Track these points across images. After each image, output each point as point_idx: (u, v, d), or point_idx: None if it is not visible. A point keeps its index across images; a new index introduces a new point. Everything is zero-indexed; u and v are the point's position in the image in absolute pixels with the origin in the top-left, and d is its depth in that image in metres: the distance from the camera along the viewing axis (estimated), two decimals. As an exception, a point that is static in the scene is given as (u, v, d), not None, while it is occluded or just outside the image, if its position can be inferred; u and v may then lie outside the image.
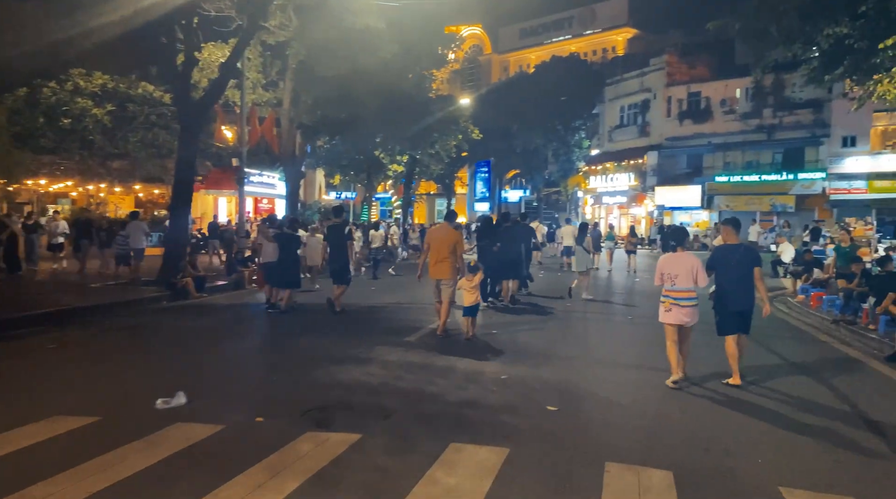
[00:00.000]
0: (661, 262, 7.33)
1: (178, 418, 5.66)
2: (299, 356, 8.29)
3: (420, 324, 10.53)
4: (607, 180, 42.00)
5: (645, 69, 39.55)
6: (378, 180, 34.77)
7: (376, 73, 21.72)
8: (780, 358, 8.88)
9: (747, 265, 7.10)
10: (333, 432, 5.38)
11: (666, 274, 7.12)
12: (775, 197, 34.40)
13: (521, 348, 8.87)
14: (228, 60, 15.67)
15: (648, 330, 10.40)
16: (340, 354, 8.26)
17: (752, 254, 7.33)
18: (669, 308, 7.07)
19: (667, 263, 7.22)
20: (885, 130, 31.79)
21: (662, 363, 7.84)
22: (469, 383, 6.96)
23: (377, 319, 11.46)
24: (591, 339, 10.10)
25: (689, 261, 7.11)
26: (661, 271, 7.19)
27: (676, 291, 7.03)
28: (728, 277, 7.13)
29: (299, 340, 9.45)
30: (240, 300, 14.07)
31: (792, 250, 19.14)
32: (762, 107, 34.94)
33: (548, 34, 57.63)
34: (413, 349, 8.64)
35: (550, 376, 7.33)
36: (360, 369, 7.43)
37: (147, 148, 23.50)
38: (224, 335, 10.04)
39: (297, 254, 12.38)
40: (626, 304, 14.11)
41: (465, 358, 8.13)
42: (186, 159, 15.85)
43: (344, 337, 9.57)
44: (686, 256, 7.21)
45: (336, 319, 11.48)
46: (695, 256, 7.33)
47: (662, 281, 7.19)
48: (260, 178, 29.83)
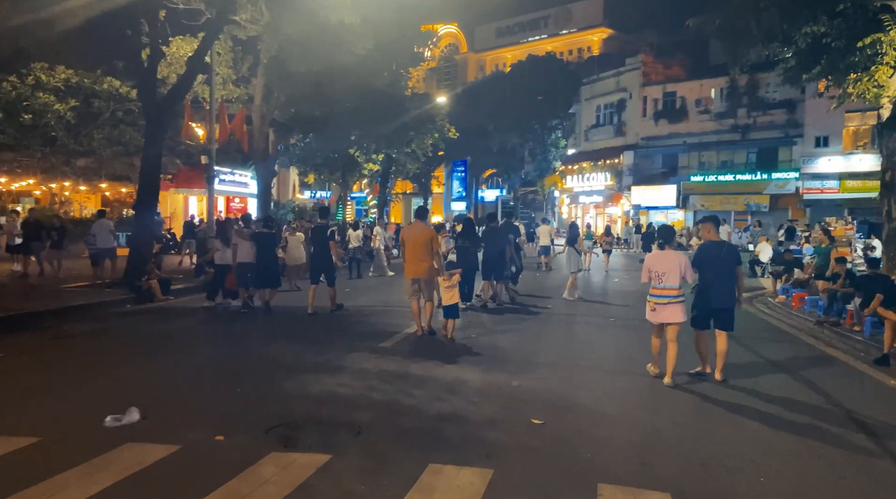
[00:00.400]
0: (648, 259, 7.27)
1: (129, 437, 5.13)
2: (266, 365, 7.78)
3: (396, 328, 10.06)
4: (584, 180, 41.90)
5: (621, 69, 39.49)
6: (353, 179, 34.20)
7: (351, 70, 21.23)
8: (767, 361, 8.58)
9: (731, 263, 7.15)
10: (300, 451, 4.90)
11: (654, 272, 7.05)
12: (750, 197, 34.54)
13: (502, 354, 8.45)
14: (196, 54, 15.02)
15: (631, 332, 10.08)
16: (311, 362, 7.76)
17: (735, 252, 7.38)
18: (654, 308, 7.04)
19: (654, 260, 7.15)
20: (857, 130, 32.04)
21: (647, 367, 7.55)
22: (448, 393, 6.51)
23: (351, 323, 10.95)
24: (573, 342, 9.71)
25: (676, 258, 7.06)
26: (649, 269, 7.12)
27: (664, 288, 6.97)
28: (713, 274, 7.09)
29: (268, 347, 8.93)
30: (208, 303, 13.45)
31: (770, 250, 19.05)
32: (736, 107, 35.07)
33: (524, 33, 57.42)
34: (388, 356, 8.17)
35: (534, 385, 6.92)
36: (332, 379, 6.94)
37: (113, 145, 22.63)
38: (188, 341, 9.47)
39: (275, 253, 12.15)
40: (606, 304, 13.78)
41: (444, 365, 7.69)
42: (153, 156, 15.18)
43: (315, 343, 9.07)
44: (673, 254, 7.16)
45: (307, 323, 10.99)
46: (682, 254, 7.28)
47: (650, 279, 7.12)
48: (232, 176, 29.07)
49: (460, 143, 42.82)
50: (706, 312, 7.16)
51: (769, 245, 19.23)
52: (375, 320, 11.11)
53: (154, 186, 15.36)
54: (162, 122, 15.12)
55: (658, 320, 7.05)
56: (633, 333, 9.99)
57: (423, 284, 9.37)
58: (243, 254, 11.68)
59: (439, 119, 31.86)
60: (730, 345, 7.33)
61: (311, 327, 10.64)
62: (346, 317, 11.54)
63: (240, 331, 10.42)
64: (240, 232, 12.19)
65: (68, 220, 22.11)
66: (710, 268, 7.10)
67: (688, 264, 7.02)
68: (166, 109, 15.08)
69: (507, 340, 9.53)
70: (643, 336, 7.69)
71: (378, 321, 10.98)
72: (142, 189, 15.30)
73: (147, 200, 15.24)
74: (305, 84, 22.09)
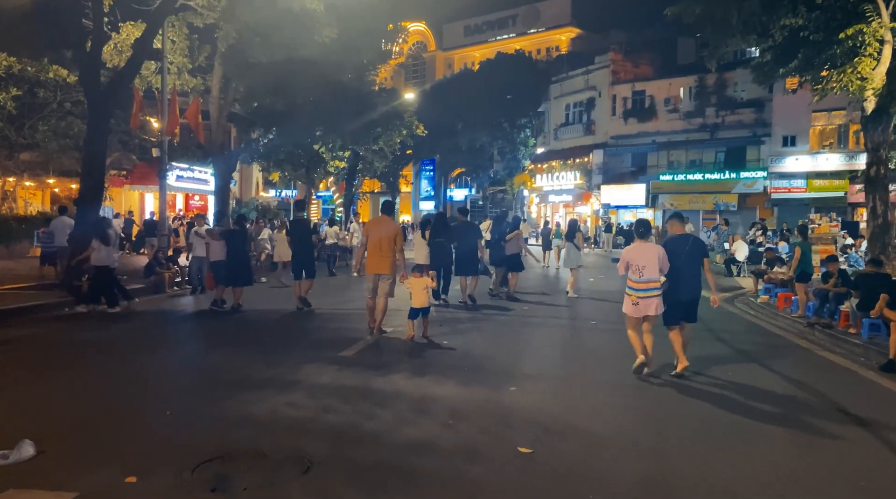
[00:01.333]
0: (626, 252, 7.20)
1: (13, 480, 4.02)
2: (208, 379, 6.68)
3: (360, 333, 9.00)
4: (553, 179, 41.20)
5: (590, 67, 38.89)
6: (318, 176, 32.92)
7: (315, 62, 20.19)
8: (766, 369, 7.76)
9: (697, 256, 7.18)
10: (232, 497, 3.85)
11: (633, 265, 6.96)
12: (719, 196, 34.19)
13: (478, 363, 7.47)
14: (143, 36, 13.72)
15: (614, 336, 9.16)
16: (260, 376, 6.68)
17: (701, 245, 7.41)
18: (637, 302, 6.92)
19: (633, 253, 7.06)
20: (824, 129, 31.92)
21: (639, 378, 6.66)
22: (418, 414, 5.50)
23: (312, 327, 9.87)
24: (555, 348, 8.78)
25: (654, 250, 7.02)
26: (627, 261, 7.03)
27: (644, 282, 6.88)
28: (680, 267, 7.07)
29: (213, 356, 7.83)
30: (156, 306, 12.23)
31: (746, 249, 18.46)
32: (705, 106, 34.70)
33: (492, 32, 56.64)
34: (350, 367, 7.12)
35: (517, 401, 5.95)
36: (281, 397, 5.87)
37: (59, 138, 21.04)
38: (121, 350, 8.26)
39: (245, 251, 12.07)
40: (584, 305, 12.90)
41: (413, 378, 6.68)
42: (96, 149, 13.83)
43: (268, 351, 7.97)
44: (651, 246, 7.12)
45: (265, 327, 9.91)
46: (660, 246, 7.21)
47: (627, 271, 7.04)
48: (191, 173, 27.63)
49: (429, 141, 41.84)
50: (677, 305, 7.12)
51: (745, 244, 18.63)
52: (339, 325, 10.03)
53: (98, 181, 14.03)
54: (106, 111, 13.79)
55: (641, 314, 6.94)
56: (616, 337, 9.10)
57: (381, 279, 8.80)
58: (215, 252, 11.64)
59: (407, 115, 30.76)
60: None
61: (268, 332, 9.55)
62: (307, 320, 10.46)
63: (185, 337, 9.28)
64: (211, 231, 12.25)
65: (11, 217, 20.50)
66: (676, 262, 7.05)
67: (665, 256, 6.96)
68: (111, 96, 13.75)
69: (482, 345, 8.58)
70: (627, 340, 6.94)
71: (342, 325, 9.91)
72: (84, 183, 13.94)
73: (90, 194, 13.87)
74: (267, 76, 20.92)
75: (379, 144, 32.58)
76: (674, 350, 7.09)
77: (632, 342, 7.11)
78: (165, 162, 16.19)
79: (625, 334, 7.24)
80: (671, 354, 7.12)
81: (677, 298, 7.09)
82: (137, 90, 17.28)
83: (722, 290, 15.97)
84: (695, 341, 9.10)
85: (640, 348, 7.02)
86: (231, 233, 11.76)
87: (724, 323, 11.19)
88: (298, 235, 11.64)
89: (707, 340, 9.30)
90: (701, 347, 8.56)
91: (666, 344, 7.20)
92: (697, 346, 8.66)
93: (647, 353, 6.99)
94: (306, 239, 11.69)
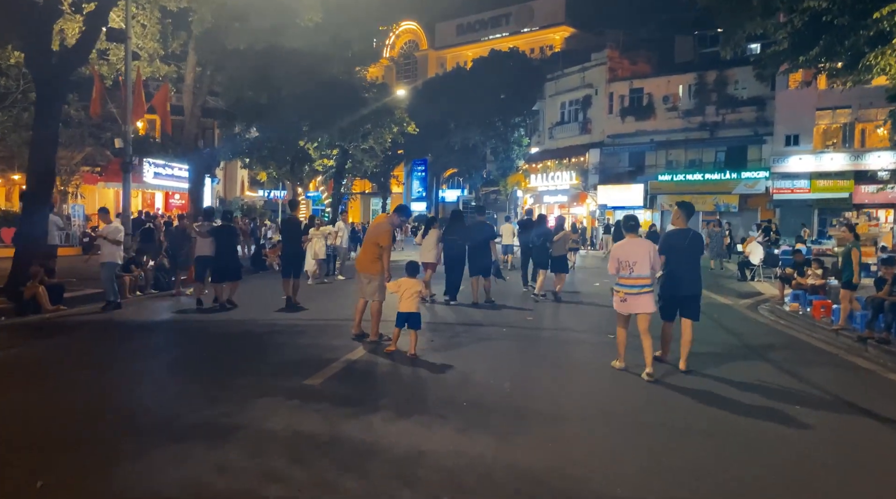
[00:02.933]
0: (615, 249, 6.92)
1: None
2: (124, 418, 4.98)
3: (334, 353, 7.29)
4: (548, 179, 39.55)
5: (586, 64, 37.28)
6: (305, 175, 31.15)
7: (300, 53, 18.60)
8: (826, 394, 6.16)
9: (696, 251, 7.01)
10: None
11: (623, 261, 6.62)
12: (719, 196, 32.70)
13: (480, 394, 5.79)
14: (97, 9, 11.97)
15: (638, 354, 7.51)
16: (192, 417, 4.98)
17: (701, 240, 7.23)
18: (625, 298, 6.62)
19: (623, 249, 6.74)
20: (828, 128, 30.46)
21: (691, 422, 5.03)
22: (400, 483, 3.81)
23: (278, 343, 8.16)
24: (573, 372, 7.09)
25: (645, 246, 6.71)
26: (617, 258, 6.69)
27: (634, 278, 6.56)
28: (678, 262, 6.88)
29: (141, 386, 6.11)
30: (115, 314, 10.51)
31: (761, 251, 16.91)
32: (705, 104, 33.19)
33: (485, 31, 54.96)
34: (315, 403, 5.41)
35: (535, 461, 4.26)
36: (212, 455, 4.17)
37: (22, 130, 19.24)
38: (37, 373, 6.51)
39: (235, 247, 11.75)
40: (596, 314, 11.24)
41: (396, 421, 4.98)
42: (45, 139, 12.06)
43: (216, 377, 6.27)
44: (641, 242, 6.81)
45: (223, 342, 8.22)
46: (650, 242, 6.92)
47: (618, 269, 6.67)
48: (170, 170, 25.85)
49: (420, 141, 40.17)
50: (673, 300, 6.96)
51: (760, 245, 17.08)
52: (312, 339, 8.32)
53: (48, 176, 12.29)
54: (57, 95, 12.05)
55: (629, 311, 6.67)
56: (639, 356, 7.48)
57: (363, 278, 8.09)
58: (202, 248, 11.27)
59: (398, 112, 29.07)
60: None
61: (226, 348, 7.86)
62: (276, 334, 8.76)
63: (119, 355, 7.56)
64: (199, 227, 11.89)
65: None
66: (674, 256, 6.87)
67: (656, 252, 6.68)
68: (62, 78, 12.01)
69: (485, 365, 6.91)
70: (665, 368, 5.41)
71: (315, 341, 8.20)
72: (31, 179, 12.19)
73: (39, 190, 12.13)
74: (248, 66, 19.30)
75: (368, 142, 30.93)
76: (661, 343, 7.03)
77: (618, 342, 6.84)
78: (130, 154, 14.42)
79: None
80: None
81: (675, 293, 6.90)
82: (97, 73, 15.52)
83: (739, 295, 14.51)
84: (740, 361, 7.54)
85: (622, 351, 6.81)
86: (220, 229, 11.34)
87: (759, 336, 9.59)
88: (288, 234, 11.67)
89: (751, 360, 7.68)
90: (748, 371, 6.96)
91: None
92: (744, 369, 7.07)
93: (646, 359, 6.57)
94: (298, 238, 11.76)
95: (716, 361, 7.40)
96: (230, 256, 11.26)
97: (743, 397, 5.91)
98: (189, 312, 10.72)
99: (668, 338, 7.13)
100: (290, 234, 11.70)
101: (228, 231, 11.44)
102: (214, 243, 11.11)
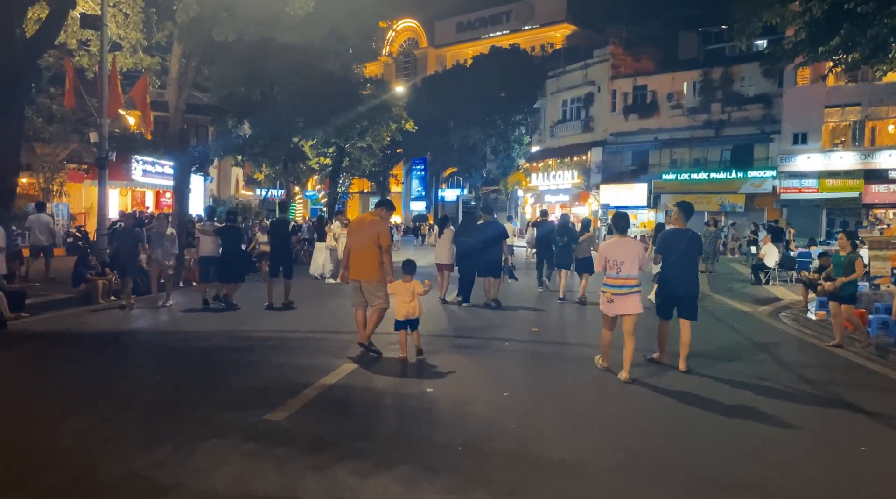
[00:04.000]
0: (604, 248, 6.68)
1: None
2: (13, 472, 3.91)
3: (309, 376, 6.18)
4: (549, 178, 38.46)
5: (589, 61, 36.19)
6: (303, 173, 30.05)
7: (294, 47, 17.60)
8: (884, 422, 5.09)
9: (693, 251, 6.91)
10: None
11: (610, 261, 6.45)
12: (725, 196, 31.67)
13: (480, 432, 4.70)
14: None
15: (668, 376, 6.44)
16: (115, 468, 3.88)
17: (698, 241, 7.09)
18: (612, 299, 6.42)
19: (611, 249, 6.54)
20: (837, 126, 29.37)
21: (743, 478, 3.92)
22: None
23: (247, 362, 7.07)
24: (586, 404, 6.02)
25: (634, 246, 6.59)
26: (605, 257, 6.51)
27: (622, 278, 6.39)
28: (676, 262, 6.79)
29: (69, 416, 5.00)
30: (66, 323, 9.44)
31: (776, 253, 15.85)
32: (710, 101, 32.16)
33: (485, 29, 53.86)
34: (273, 448, 4.29)
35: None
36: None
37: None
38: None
39: (239, 248, 11.54)
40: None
41: (372, 476, 3.87)
42: (10, 127, 11.06)
43: (162, 408, 5.19)
44: (630, 242, 6.67)
45: (183, 362, 7.16)
46: (639, 242, 6.94)
47: (605, 268, 6.50)
48: (160, 168, 24.74)
49: (419, 139, 39.14)
50: (670, 300, 6.89)
51: (775, 247, 16.01)
52: (284, 358, 7.20)
53: (12, 170, 11.27)
54: (20, 82, 11.01)
55: (616, 312, 6.46)
56: (666, 374, 6.42)
57: (365, 287, 7.22)
58: (206, 248, 11.15)
59: (396, 109, 27.98)
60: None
61: (185, 369, 6.78)
62: (245, 350, 7.68)
63: (61, 372, 6.48)
64: (203, 227, 11.79)
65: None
66: (671, 256, 6.80)
67: (644, 252, 6.57)
68: (28, 64, 10.99)
69: (488, 388, 5.84)
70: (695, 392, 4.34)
71: (288, 360, 7.10)
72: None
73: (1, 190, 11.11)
74: (239, 59, 18.31)
75: (366, 140, 29.87)
76: (658, 343, 6.98)
77: (602, 343, 6.70)
78: (106, 149, 13.34)
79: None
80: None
81: (671, 293, 6.84)
82: (69, 62, 14.45)
83: (757, 301, 13.42)
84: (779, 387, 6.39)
85: (606, 353, 6.70)
86: (225, 229, 11.19)
87: (789, 350, 8.52)
88: (278, 235, 11.57)
89: (791, 382, 6.59)
90: (794, 399, 5.89)
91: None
92: (783, 395, 5.99)
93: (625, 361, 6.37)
94: (286, 239, 11.71)
95: (756, 390, 6.31)
96: (234, 256, 11.09)
97: (813, 450, 4.83)
98: (155, 322, 9.68)
99: (665, 337, 7.00)
100: (278, 235, 11.60)
101: (233, 231, 11.30)
102: (220, 243, 10.96)
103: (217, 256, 11.00)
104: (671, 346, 7.00)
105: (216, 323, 9.40)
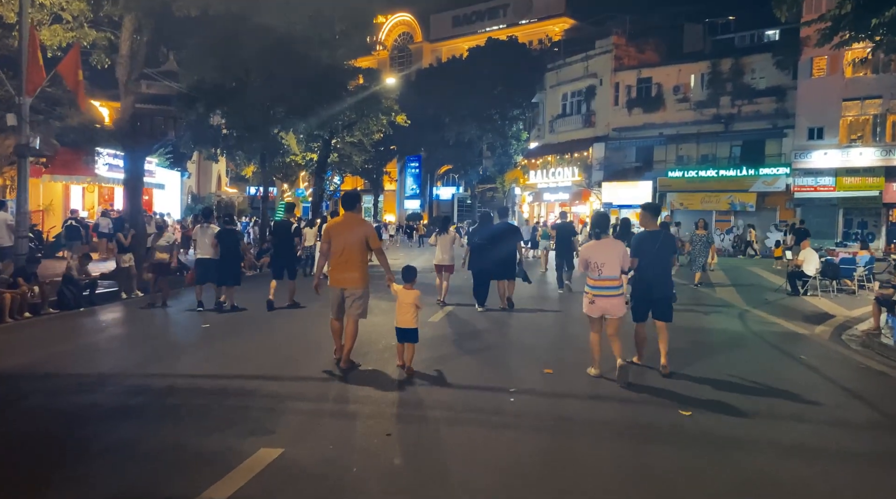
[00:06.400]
0: (585, 249, 6.45)
1: None
2: None
3: (276, 418, 3.86)
4: (548, 175, 36.07)
5: (590, 52, 33.82)
6: (285, 168, 27.67)
7: (273, 28, 15.41)
8: None
9: (667, 253, 6.70)
10: None
11: (592, 262, 6.25)
12: (734, 195, 29.38)
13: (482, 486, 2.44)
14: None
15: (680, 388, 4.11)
16: None
17: (672, 242, 6.92)
18: (593, 300, 6.24)
19: (593, 250, 6.33)
20: (855, 120, 27.08)
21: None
22: None
23: (211, 397, 4.71)
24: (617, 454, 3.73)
25: (616, 247, 6.37)
26: (587, 259, 6.30)
27: (603, 280, 6.20)
28: (649, 264, 6.55)
29: None
30: None
31: (816, 259, 13.53)
32: (719, 95, 29.86)
33: (482, 22, 51.36)
34: None
35: None
36: None
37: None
38: None
39: (238, 250, 11.12)
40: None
41: None
42: None
43: (78, 479, 2.89)
44: (613, 243, 6.47)
45: (61, 426, 4.80)
46: (621, 243, 6.60)
47: (587, 269, 6.31)
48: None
49: (413, 135, 36.83)
50: (645, 302, 6.66)
51: (815, 253, 13.70)
52: (258, 384, 4.87)
53: None
54: None
55: (597, 314, 6.29)
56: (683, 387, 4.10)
57: (347, 295, 6.56)
58: (203, 250, 10.74)
59: (387, 101, 25.60)
60: None
61: (135, 409, 4.42)
62: (212, 382, 5.31)
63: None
64: (203, 229, 11.13)
65: None
66: (645, 258, 6.53)
67: (626, 253, 6.38)
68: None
69: (509, 435, 3.55)
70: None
71: (261, 386, 4.77)
72: None
73: None
74: (208, 41, 16.08)
75: (356, 135, 27.55)
76: (636, 345, 6.84)
77: (591, 347, 6.45)
78: (27, 134, 10.96)
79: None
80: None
81: (646, 296, 6.63)
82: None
83: (805, 319, 10.91)
84: None
85: (597, 359, 6.43)
86: (224, 232, 10.83)
87: (884, 394, 6.18)
88: (281, 237, 11.43)
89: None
90: None
91: None
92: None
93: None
94: (290, 241, 11.50)
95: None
96: (232, 259, 10.79)
97: None
98: (64, 349, 7.30)
99: (643, 339, 6.84)
100: (282, 236, 11.46)
101: (231, 234, 10.99)
102: (218, 246, 10.55)
103: (214, 259, 10.57)
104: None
105: (157, 354, 7.02)
